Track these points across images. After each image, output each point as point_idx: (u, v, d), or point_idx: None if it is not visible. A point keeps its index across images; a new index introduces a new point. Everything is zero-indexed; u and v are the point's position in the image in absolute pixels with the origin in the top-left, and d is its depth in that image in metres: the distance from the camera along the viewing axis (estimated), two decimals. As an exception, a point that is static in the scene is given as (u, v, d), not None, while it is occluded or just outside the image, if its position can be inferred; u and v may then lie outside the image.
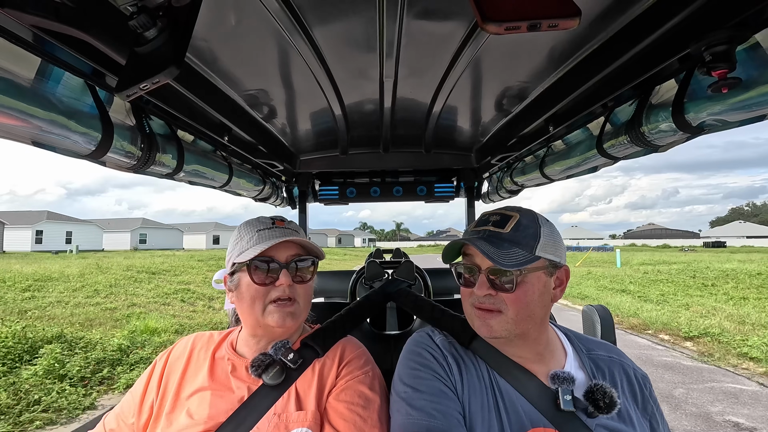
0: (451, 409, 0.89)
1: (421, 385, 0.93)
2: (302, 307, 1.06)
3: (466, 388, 0.95)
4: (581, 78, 1.17)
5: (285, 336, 1.08)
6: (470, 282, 0.97)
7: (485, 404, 0.92)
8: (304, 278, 1.07)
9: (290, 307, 1.03)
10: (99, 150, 1.10)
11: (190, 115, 1.34)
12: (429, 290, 2.54)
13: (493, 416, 0.90)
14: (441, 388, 0.93)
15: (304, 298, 1.06)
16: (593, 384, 0.92)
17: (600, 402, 0.88)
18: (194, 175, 1.66)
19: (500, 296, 0.92)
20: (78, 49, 0.81)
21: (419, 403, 0.90)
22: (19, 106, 0.82)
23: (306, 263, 1.07)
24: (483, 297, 0.93)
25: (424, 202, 2.84)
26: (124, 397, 1.10)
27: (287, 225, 1.11)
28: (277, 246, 1.03)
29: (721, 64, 0.78)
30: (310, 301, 1.10)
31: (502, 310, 0.92)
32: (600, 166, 1.69)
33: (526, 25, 0.56)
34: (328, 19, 0.96)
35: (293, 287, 1.03)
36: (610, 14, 0.94)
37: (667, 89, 1.15)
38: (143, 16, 0.60)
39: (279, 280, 1.01)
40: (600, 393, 0.89)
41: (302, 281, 1.06)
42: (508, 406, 0.91)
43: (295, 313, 1.04)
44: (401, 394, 0.94)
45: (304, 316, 1.08)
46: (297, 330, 1.11)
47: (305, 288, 1.07)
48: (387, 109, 1.59)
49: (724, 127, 1.05)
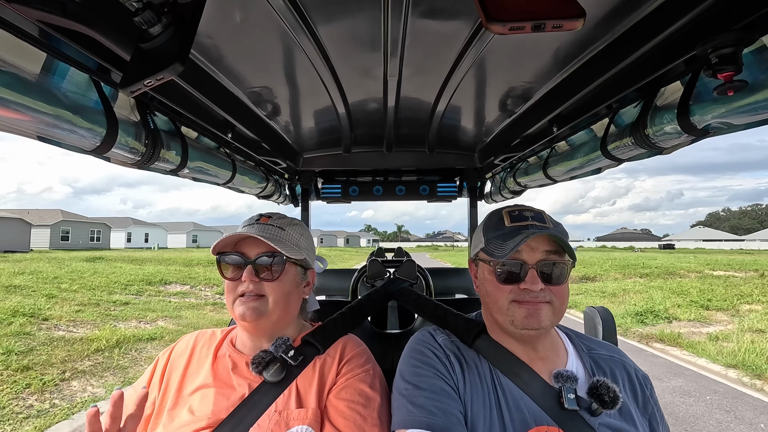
0: (452, 407, 0.89)
1: (422, 383, 0.93)
2: (272, 305, 1.03)
3: (468, 386, 0.95)
4: (586, 79, 1.17)
5: (256, 332, 1.07)
6: (513, 278, 0.94)
7: (487, 403, 0.92)
8: (272, 275, 1.04)
9: (254, 302, 1.02)
10: (103, 145, 1.10)
11: (194, 112, 1.34)
12: (431, 290, 2.54)
13: (495, 415, 0.90)
14: (442, 387, 0.92)
15: (274, 296, 1.04)
16: (595, 380, 0.92)
17: (604, 396, 0.88)
18: (198, 172, 1.67)
19: (548, 289, 0.93)
20: (83, 44, 0.81)
21: (420, 401, 0.90)
22: (25, 101, 0.83)
23: (272, 260, 1.04)
24: (539, 291, 0.92)
25: (427, 201, 2.84)
26: (127, 393, 1.10)
27: (272, 221, 1.10)
28: (248, 242, 1.04)
29: (728, 67, 0.77)
30: (285, 300, 1.07)
31: (551, 301, 0.93)
32: (604, 167, 1.69)
33: (531, 26, 0.56)
34: (333, 17, 0.96)
35: (260, 284, 1.03)
36: (616, 15, 0.94)
37: (672, 91, 1.14)
38: (148, 12, 0.61)
39: (243, 275, 1.02)
40: (603, 388, 0.90)
41: (269, 279, 1.04)
42: (511, 405, 0.91)
43: (260, 308, 1.02)
44: (402, 391, 0.95)
45: (278, 313, 1.06)
46: (270, 327, 1.08)
47: (273, 286, 1.04)
48: (391, 108, 1.59)
49: (729, 130, 1.04)
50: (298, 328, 1.16)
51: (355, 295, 2.55)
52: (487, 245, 1.00)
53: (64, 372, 5.69)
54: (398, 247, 3.28)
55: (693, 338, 8.09)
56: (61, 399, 4.92)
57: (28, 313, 8.39)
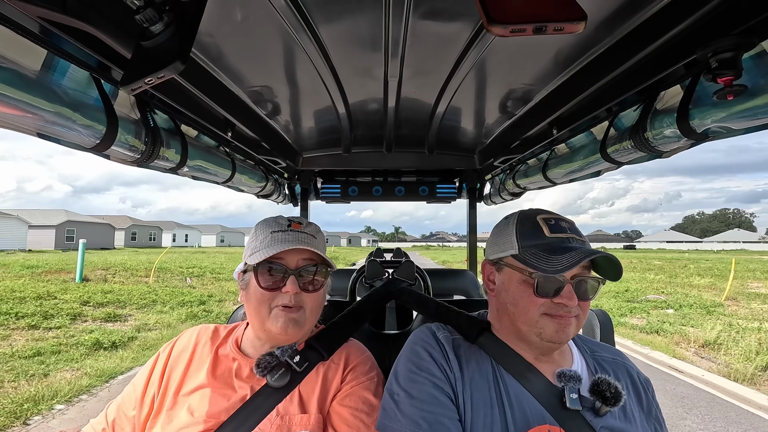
0: (440, 416, 0.88)
1: (414, 390, 0.92)
2: (308, 315, 1.02)
3: (467, 383, 0.94)
4: (586, 82, 1.17)
5: (288, 342, 1.05)
6: (549, 291, 0.91)
7: (488, 400, 0.91)
8: (314, 286, 1.02)
9: (295, 313, 0.99)
10: (103, 143, 1.10)
11: (195, 111, 1.34)
12: (429, 291, 2.53)
13: (496, 412, 0.89)
14: (434, 394, 0.91)
15: (311, 307, 1.02)
16: (597, 377, 0.92)
17: (606, 393, 0.88)
18: (197, 170, 1.67)
19: (578, 304, 0.91)
20: (84, 41, 0.81)
21: (408, 410, 0.89)
22: (25, 97, 0.83)
23: (316, 270, 1.02)
24: (575, 307, 0.90)
25: (426, 202, 2.84)
26: (126, 388, 1.09)
27: (304, 228, 1.06)
28: (288, 250, 1.00)
29: (727, 71, 0.78)
30: (318, 311, 1.06)
31: (578, 316, 0.92)
32: (603, 170, 1.69)
33: (532, 28, 0.56)
34: (334, 17, 0.96)
35: (300, 295, 1.00)
36: (617, 19, 0.94)
37: (672, 95, 1.14)
38: (150, 11, 0.61)
39: (286, 286, 0.98)
40: (605, 385, 0.90)
41: (311, 290, 1.02)
42: (513, 402, 0.91)
43: (299, 321, 1.00)
44: (394, 395, 0.94)
45: (310, 325, 1.05)
46: (302, 337, 1.08)
47: (313, 297, 1.02)
48: (391, 108, 1.59)
49: (728, 135, 1.05)
50: (304, 335, 1.15)
51: (353, 296, 2.55)
52: (523, 253, 0.94)
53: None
54: (397, 248, 3.28)
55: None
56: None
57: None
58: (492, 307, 1.07)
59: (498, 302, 1.01)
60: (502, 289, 0.99)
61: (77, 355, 5.76)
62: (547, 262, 0.89)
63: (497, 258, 1.01)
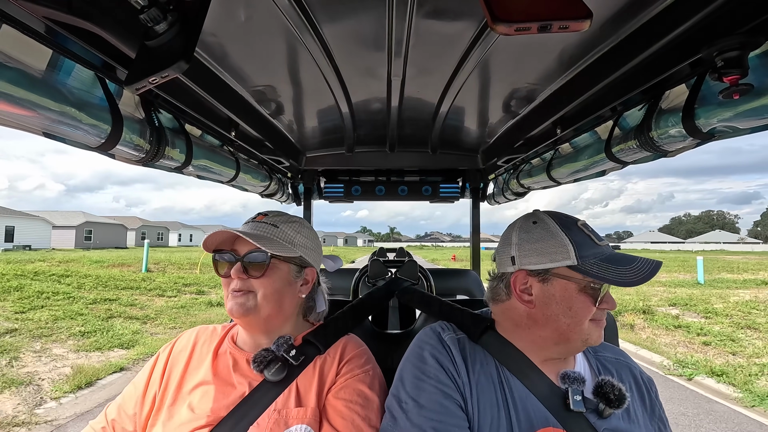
0: (449, 425, 0.87)
1: (421, 398, 0.91)
2: (260, 300, 1.04)
3: (474, 385, 0.93)
4: (590, 81, 1.17)
5: (249, 328, 1.09)
6: (597, 299, 0.92)
7: (494, 401, 0.91)
8: (259, 272, 1.05)
9: (241, 297, 1.03)
10: (108, 142, 1.10)
11: (199, 110, 1.34)
12: (432, 290, 2.53)
13: (502, 414, 0.89)
14: (443, 403, 0.90)
15: (263, 292, 1.04)
16: (601, 379, 0.92)
17: (610, 395, 0.88)
18: (202, 170, 1.67)
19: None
20: (89, 41, 0.82)
21: (417, 420, 0.88)
22: (31, 97, 0.83)
23: (257, 257, 1.05)
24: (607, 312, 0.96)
25: (429, 202, 2.84)
26: (126, 388, 1.11)
27: (267, 219, 1.11)
28: (240, 240, 1.05)
29: (733, 70, 0.77)
30: (276, 297, 1.06)
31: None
32: (608, 170, 1.68)
33: (537, 27, 0.55)
34: (337, 16, 0.96)
35: (247, 281, 1.04)
36: (622, 17, 0.93)
37: (677, 94, 1.14)
38: (154, 10, 0.61)
39: (231, 272, 1.04)
40: (608, 386, 0.89)
41: (257, 276, 1.04)
42: (518, 404, 0.90)
43: (246, 304, 1.02)
44: (402, 404, 0.92)
45: (267, 310, 1.05)
46: (261, 323, 1.08)
47: (262, 282, 1.04)
48: (394, 108, 1.59)
49: (734, 134, 1.04)
50: (299, 327, 1.16)
51: (356, 295, 2.55)
52: (584, 264, 0.91)
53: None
54: (400, 248, 3.28)
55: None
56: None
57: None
58: (517, 315, 1.00)
59: (540, 314, 0.94)
60: (550, 301, 0.93)
61: (203, 308, 10.28)
62: (617, 273, 0.88)
63: (543, 269, 0.94)
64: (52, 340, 6.75)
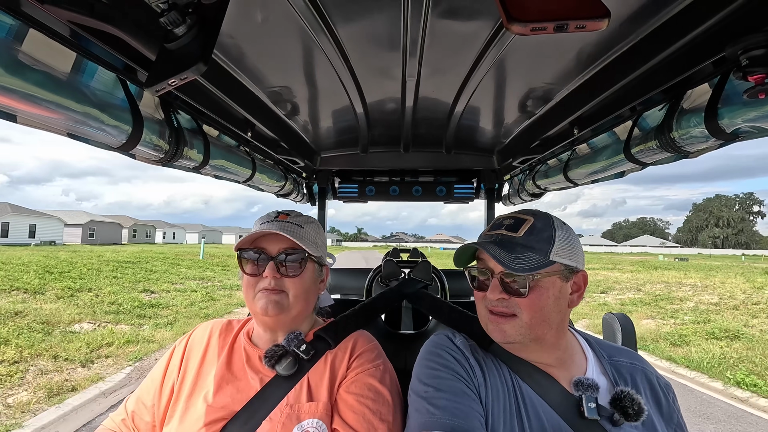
0: (473, 410, 0.87)
1: (441, 385, 0.91)
2: (291, 300, 1.05)
3: (489, 391, 0.92)
4: (609, 80, 1.14)
5: (274, 326, 1.09)
6: (484, 285, 0.95)
7: (507, 408, 0.90)
8: (294, 272, 1.06)
9: (276, 295, 1.03)
10: (129, 143, 1.13)
11: (216, 111, 1.36)
12: (446, 292, 2.52)
13: (515, 421, 0.88)
14: (462, 389, 0.90)
15: (294, 292, 1.06)
16: (620, 390, 0.90)
17: (629, 409, 0.86)
18: (219, 170, 1.70)
19: (513, 300, 0.90)
20: (111, 44, 0.84)
21: (441, 402, 0.87)
22: (56, 99, 0.86)
23: (294, 257, 1.06)
24: (496, 301, 0.91)
25: (443, 202, 2.82)
26: (143, 382, 1.13)
27: (291, 219, 1.11)
28: (268, 238, 1.06)
29: (759, 69, 0.75)
30: (305, 296, 1.09)
31: (517, 314, 0.90)
32: (627, 171, 1.64)
33: (553, 26, 0.54)
34: (352, 17, 0.97)
35: (281, 280, 1.05)
36: (642, 15, 0.91)
37: (699, 93, 1.10)
38: (173, 13, 0.62)
39: (266, 272, 1.04)
40: (628, 400, 0.87)
41: (291, 275, 1.06)
42: (530, 411, 0.89)
43: (281, 302, 1.04)
44: (421, 393, 0.92)
45: (297, 309, 1.08)
46: (288, 322, 1.10)
47: (295, 282, 1.06)
48: (409, 108, 1.59)
49: (759, 135, 1.00)
50: (311, 322, 1.18)
51: (369, 295, 2.55)
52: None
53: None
54: (414, 248, 3.27)
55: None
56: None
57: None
58: (554, 321, 0.94)
59: (562, 315, 0.95)
60: (577, 299, 0.97)
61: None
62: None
63: (577, 267, 0.95)
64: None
